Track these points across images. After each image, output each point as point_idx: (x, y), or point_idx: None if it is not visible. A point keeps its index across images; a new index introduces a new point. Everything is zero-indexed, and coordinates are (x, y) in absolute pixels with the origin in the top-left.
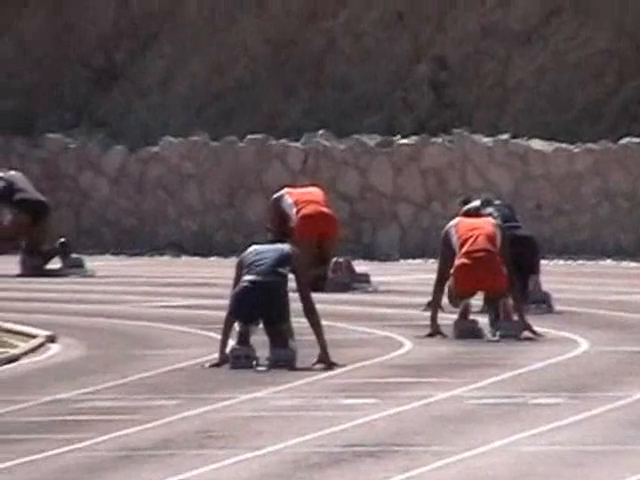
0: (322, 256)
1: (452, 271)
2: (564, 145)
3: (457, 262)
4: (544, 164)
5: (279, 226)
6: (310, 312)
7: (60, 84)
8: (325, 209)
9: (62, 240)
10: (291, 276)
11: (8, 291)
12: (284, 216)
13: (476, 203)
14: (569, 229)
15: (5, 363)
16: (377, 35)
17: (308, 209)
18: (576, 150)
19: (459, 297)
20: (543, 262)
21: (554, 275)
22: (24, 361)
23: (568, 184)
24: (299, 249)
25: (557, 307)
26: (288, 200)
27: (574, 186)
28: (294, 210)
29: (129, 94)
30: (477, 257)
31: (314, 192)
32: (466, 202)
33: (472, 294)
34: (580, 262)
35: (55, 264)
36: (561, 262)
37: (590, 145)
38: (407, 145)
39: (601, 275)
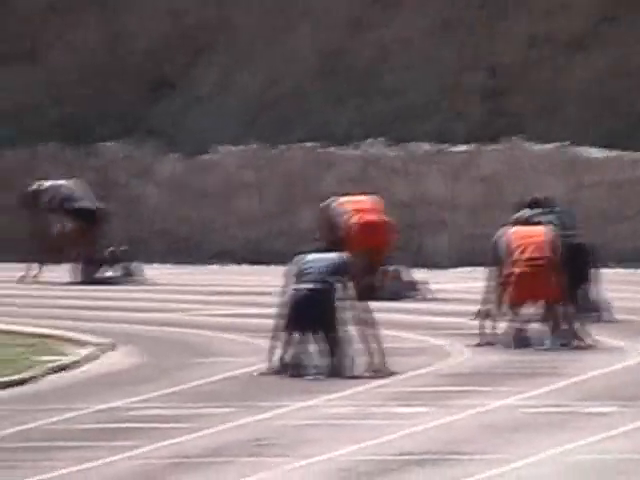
0: (371, 265)
1: (503, 280)
2: (619, 152)
3: (509, 271)
4: (599, 171)
5: (327, 235)
6: (362, 320)
7: (114, 93)
8: (374, 218)
9: (121, 248)
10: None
11: (66, 299)
12: (332, 224)
13: (525, 212)
14: (630, 236)
15: (64, 371)
16: (427, 43)
17: (357, 218)
18: (632, 157)
19: (510, 305)
20: (602, 271)
21: (613, 283)
22: (82, 369)
23: (627, 190)
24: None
25: (615, 315)
26: (337, 209)
27: (630, 193)
28: (343, 219)
29: (183, 103)
30: (529, 266)
31: (365, 201)
32: (532, 204)
33: (524, 303)
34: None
35: (112, 272)
36: (621, 270)
37: None
38: (459, 153)
39: None
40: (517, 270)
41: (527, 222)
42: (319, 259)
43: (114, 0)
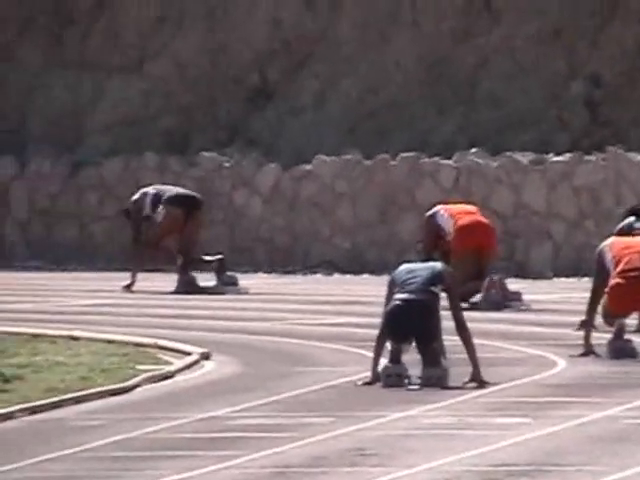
0: (480, 268)
1: (607, 290)
2: None
3: (612, 281)
4: None
5: (434, 242)
6: (462, 330)
7: (215, 103)
8: (483, 219)
9: (219, 257)
10: (443, 294)
11: (164, 308)
12: (440, 231)
13: (629, 220)
14: None
15: (161, 380)
16: (531, 52)
17: (466, 219)
18: None
19: (613, 316)
20: None
21: None
22: (179, 378)
23: None
24: (457, 261)
25: None
26: (444, 214)
27: None
28: (451, 222)
29: (283, 113)
30: (632, 276)
31: (470, 207)
32: (638, 212)
33: (627, 314)
34: None
35: (210, 281)
36: None
37: None
38: (560, 162)
39: None
40: (620, 280)
41: (630, 232)
42: (421, 268)
43: (219, 11)
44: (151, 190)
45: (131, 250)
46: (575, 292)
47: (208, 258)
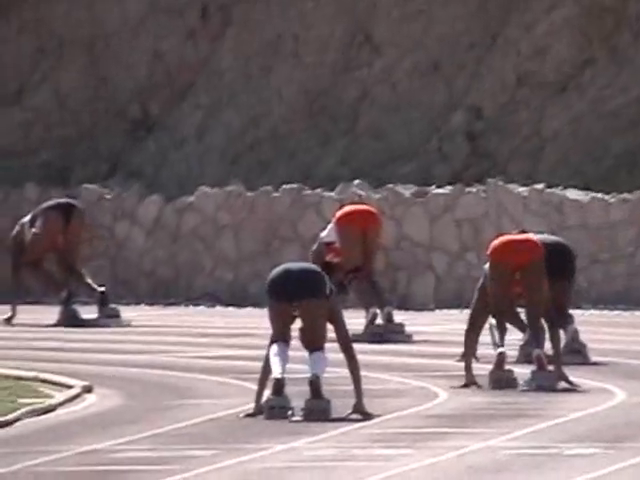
0: (365, 250)
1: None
2: (600, 195)
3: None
4: (580, 214)
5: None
6: (350, 359)
7: (96, 135)
8: (366, 207)
9: (101, 289)
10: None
11: (45, 340)
12: (330, 250)
13: None
14: (605, 279)
15: (42, 413)
16: (411, 84)
17: (348, 208)
18: (612, 200)
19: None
20: (578, 312)
21: (590, 325)
22: (61, 411)
23: (603, 233)
24: (344, 246)
25: (593, 357)
26: (324, 232)
27: (609, 235)
28: (333, 226)
29: (164, 145)
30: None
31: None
32: None
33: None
34: (616, 312)
35: (92, 314)
36: (596, 312)
37: (626, 195)
38: (442, 195)
39: (636, 325)
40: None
41: None
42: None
43: (99, 42)
44: (27, 217)
45: (11, 282)
46: (456, 323)
47: (91, 283)
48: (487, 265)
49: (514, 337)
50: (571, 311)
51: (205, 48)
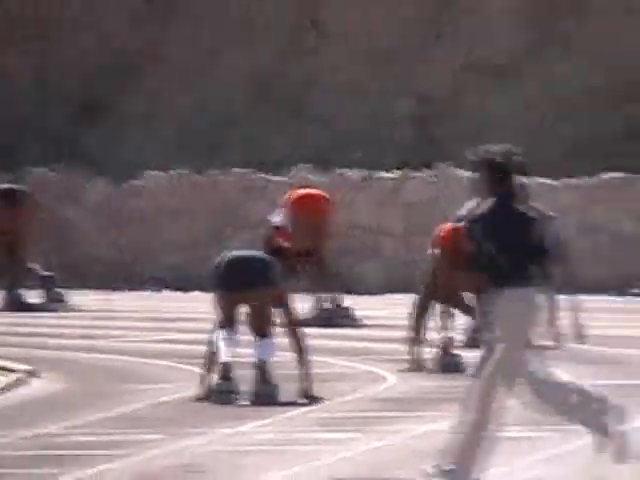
0: (317, 235)
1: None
2: (548, 180)
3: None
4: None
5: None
6: (298, 344)
7: (43, 118)
8: (319, 191)
9: (47, 274)
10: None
11: None
12: (281, 234)
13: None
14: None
15: None
16: (360, 70)
17: (301, 192)
18: (559, 185)
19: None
20: None
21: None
22: (4, 396)
23: None
24: (296, 230)
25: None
26: (273, 216)
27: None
28: (286, 205)
29: (112, 128)
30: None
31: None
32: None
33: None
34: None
35: (38, 298)
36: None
37: (573, 180)
38: (389, 179)
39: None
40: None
41: None
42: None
43: (47, 24)
44: None
45: None
46: (404, 307)
47: (35, 267)
48: (436, 250)
49: (461, 322)
50: None
51: (154, 31)
